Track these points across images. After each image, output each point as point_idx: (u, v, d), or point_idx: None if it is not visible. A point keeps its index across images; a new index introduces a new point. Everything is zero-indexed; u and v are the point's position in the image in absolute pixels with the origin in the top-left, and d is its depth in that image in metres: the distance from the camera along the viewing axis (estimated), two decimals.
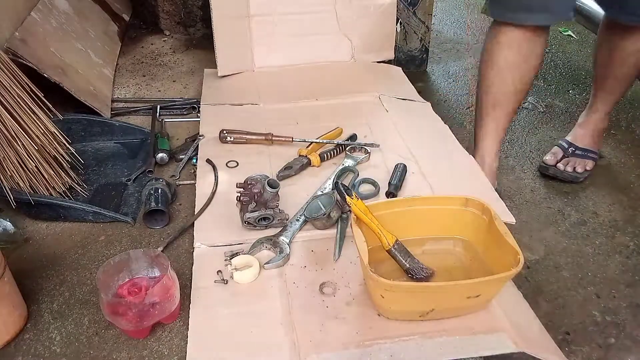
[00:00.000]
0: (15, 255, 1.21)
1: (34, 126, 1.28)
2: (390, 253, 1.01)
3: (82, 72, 1.75)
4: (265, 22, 1.86)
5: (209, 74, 1.91)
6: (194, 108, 1.76)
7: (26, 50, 1.53)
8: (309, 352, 0.92)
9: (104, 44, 2.05)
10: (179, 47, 2.26)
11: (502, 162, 1.57)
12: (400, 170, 1.35)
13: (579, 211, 1.39)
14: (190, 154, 1.52)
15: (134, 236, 1.27)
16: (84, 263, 1.19)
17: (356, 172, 1.39)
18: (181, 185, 1.42)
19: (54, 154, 1.33)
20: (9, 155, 1.22)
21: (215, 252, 1.15)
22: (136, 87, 1.94)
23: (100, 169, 1.49)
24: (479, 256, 1.05)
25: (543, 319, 1.04)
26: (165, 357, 0.98)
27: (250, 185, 1.19)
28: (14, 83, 1.27)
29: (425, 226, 1.07)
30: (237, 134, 1.52)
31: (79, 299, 1.10)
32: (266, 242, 1.15)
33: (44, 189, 1.28)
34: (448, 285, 0.92)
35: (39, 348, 1.00)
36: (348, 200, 0.99)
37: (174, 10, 2.33)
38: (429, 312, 0.94)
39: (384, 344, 0.93)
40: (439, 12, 2.70)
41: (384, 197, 1.30)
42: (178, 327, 1.03)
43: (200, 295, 1.05)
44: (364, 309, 1.00)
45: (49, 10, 1.83)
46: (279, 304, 1.03)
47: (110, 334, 1.02)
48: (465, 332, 0.95)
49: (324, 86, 1.81)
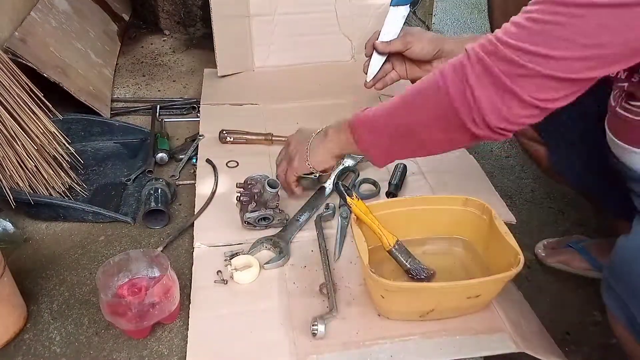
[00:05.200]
0: (15, 255, 1.20)
1: (33, 126, 1.28)
2: (391, 254, 1.01)
3: (82, 72, 1.74)
4: (265, 22, 1.85)
5: (209, 74, 1.91)
6: (194, 108, 1.76)
7: (26, 50, 1.53)
8: (308, 352, 0.92)
9: (104, 44, 2.05)
10: (179, 47, 2.26)
11: (503, 161, 1.57)
12: (400, 170, 1.35)
13: (579, 211, 1.38)
14: (190, 154, 1.52)
15: (134, 236, 1.26)
16: (84, 263, 1.19)
17: (356, 172, 1.39)
18: (181, 185, 1.42)
19: (53, 154, 1.33)
20: (8, 155, 1.21)
21: (215, 252, 1.14)
22: (136, 87, 1.93)
23: (100, 169, 1.48)
24: (479, 256, 1.04)
25: (543, 319, 1.04)
26: (165, 357, 0.98)
27: (250, 185, 1.19)
28: (14, 83, 1.26)
29: (425, 226, 1.07)
30: (237, 134, 1.51)
31: (79, 299, 1.10)
32: (266, 242, 1.15)
33: (43, 188, 1.28)
34: (448, 286, 0.92)
35: (39, 348, 1.00)
36: (348, 200, 0.99)
37: (174, 10, 2.33)
38: (429, 312, 0.94)
39: (384, 344, 0.93)
40: (439, 12, 2.69)
41: (384, 197, 1.30)
42: (178, 327, 1.03)
43: (200, 295, 1.05)
44: (364, 309, 1.00)
45: (49, 10, 1.83)
46: (279, 304, 1.03)
47: (110, 334, 1.02)
48: (465, 332, 0.95)
49: (324, 86, 1.81)
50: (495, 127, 0.73)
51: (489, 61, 0.70)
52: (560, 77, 0.67)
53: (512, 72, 0.69)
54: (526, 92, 0.69)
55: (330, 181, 1.34)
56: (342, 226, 1.19)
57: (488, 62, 0.70)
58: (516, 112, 0.71)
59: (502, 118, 0.72)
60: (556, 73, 0.66)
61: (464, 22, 2.63)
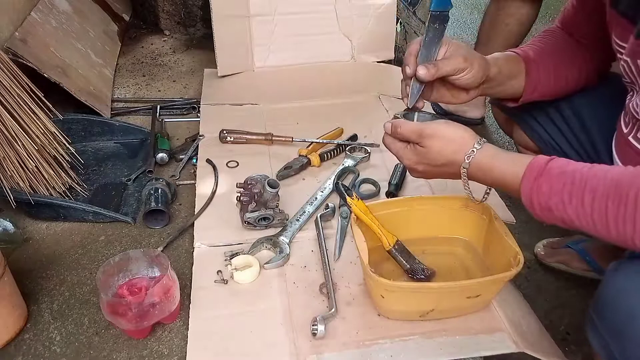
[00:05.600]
0: (15, 255, 1.20)
1: (34, 126, 1.28)
2: (390, 254, 1.01)
3: (82, 72, 1.75)
4: (265, 22, 1.86)
5: (209, 74, 1.91)
6: (194, 108, 1.76)
7: (26, 50, 1.53)
8: (308, 352, 0.93)
9: (104, 44, 2.05)
10: (179, 47, 2.26)
11: None
12: (400, 170, 1.35)
13: None
14: (190, 154, 1.52)
15: (134, 236, 1.27)
16: (84, 263, 1.19)
17: (356, 172, 1.39)
18: (181, 185, 1.42)
19: (54, 154, 1.33)
20: (9, 155, 1.22)
21: (215, 252, 1.15)
22: (136, 87, 1.94)
23: (100, 169, 1.49)
24: (479, 256, 1.04)
25: (543, 319, 1.04)
26: (165, 357, 0.98)
27: (250, 185, 1.19)
28: (14, 83, 1.27)
29: (425, 226, 1.07)
30: (237, 134, 1.52)
31: (79, 299, 1.10)
32: (266, 242, 1.15)
33: (44, 189, 1.28)
34: (448, 286, 0.92)
35: (39, 348, 1.00)
36: (348, 200, 0.99)
37: (174, 10, 2.33)
38: (429, 312, 0.94)
39: (384, 344, 0.93)
40: None
41: (384, 197, 1.30)
42: (178, 327, 1.03)
43: (200, 295, 1.05)
44: (364, 309, 1.00)
45: (49, 10, 1.83)
46: (279, 304, 1.03)
47: (110, 334, 1.02)
48: (465, 332, 0.95)
49: (324, 86, 1.81)
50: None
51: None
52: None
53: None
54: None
55: (330, 181, 1.34)
56: (342, 226, 1.20)
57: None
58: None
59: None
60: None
61: (464, 22, 2.63)
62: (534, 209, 0.71)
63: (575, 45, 0.96)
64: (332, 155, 1.45)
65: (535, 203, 0.70)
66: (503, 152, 0.78)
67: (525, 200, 0.72)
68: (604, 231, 0.65)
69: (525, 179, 0.71)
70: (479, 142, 0.78)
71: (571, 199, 0.66)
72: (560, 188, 0.67)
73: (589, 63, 0.96)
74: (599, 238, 0.67)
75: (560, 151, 1.00)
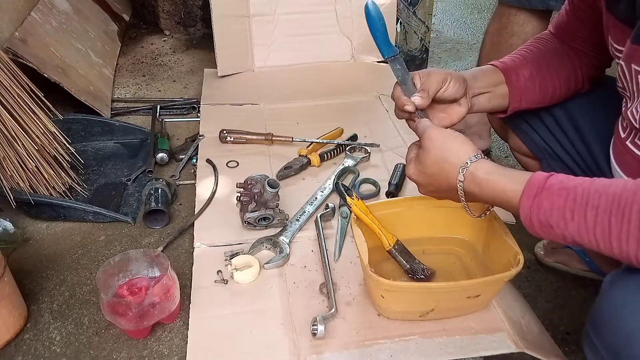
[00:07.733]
0: (15, 255, 1.21)
1: (34, 126, 1.28)
2: (390, 254, 1.01)
3: (82, 72, 1.75)
4: (265, 22, 1.86)
5: (209, 74, 1.91)
6: (194, 108, 1.76)
7: (26, 50, 1.53)
8: (309, 352, 0.93)
9: (104, 44, 2.05)
10: (179, 47, 2.26)
11: (502, 162, 1.57)
12: (400, 170, 1.35)
13: None
14: (190, 154, 1.52)
15: (134, 236, 1.27)
16: (84, 263, 1.19)
17: (356, 172, 1.39)
18: (181, 185, 1.42)
19: (54, 154, 1.33)
20: (9, 155, 1.22)
21: (215, 252, 1.15)
22: (136, 87, 1.94)
23: (100, 169, 1.49)
24: (479, 256, 1.04)
25: (543, 319, 1.04)
26: (165, 357, 0.98)
27: (250, 185, 1.19)
28: (14, 83, 1.27)
29: (425, 226, 1.07)
30: (237, 134, 1.52)
31: (79, 299, 1.10)
32: (266, 242, 1.15)
33: (44, 188, 1.28)
34: (448, 286, 0.92)
35: (39, 348, 1.00)
36: (348, 200, 0.99)
37: (174, 10, 2.33)
38: (429, 312, 0.94)
39: (384, 344, 0.93)
40: (439, 12, 2.69)
41: (384, 197, 1.30)
42: (178, 327, 1.03)
43: (200, 295, 1.05)
44: (364, 309, 1.00)
45: (49, 10, 1.83)
46: (279, 304, 1.03)
47: (110, 334, 1.02)
48: (465, 332, 0.95)
49: (324, 86, 1.81)
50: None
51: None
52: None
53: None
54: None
55: (330, 181, 1.34)
56: (342, 226, 1.20)
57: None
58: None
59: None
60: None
61: (464, 22, 2.63)
62: (532, 226, 0.69)
63: (566, 52, 0.95)
64: (332, 155, 1.45)
65: (534, 220, 0.69)
66: (501, 167, 0.77)
67: (524, 217, 0.70)
68: (606, 248, 0.63)
69: (525, 196, 0.69)
70: (475, 155, 0.77)
71: (573, 216, 0.65)
72: (561, 204, 0.66)
73: (580, 69, 0.94)
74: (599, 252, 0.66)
75: (555, 155, 1.00)
